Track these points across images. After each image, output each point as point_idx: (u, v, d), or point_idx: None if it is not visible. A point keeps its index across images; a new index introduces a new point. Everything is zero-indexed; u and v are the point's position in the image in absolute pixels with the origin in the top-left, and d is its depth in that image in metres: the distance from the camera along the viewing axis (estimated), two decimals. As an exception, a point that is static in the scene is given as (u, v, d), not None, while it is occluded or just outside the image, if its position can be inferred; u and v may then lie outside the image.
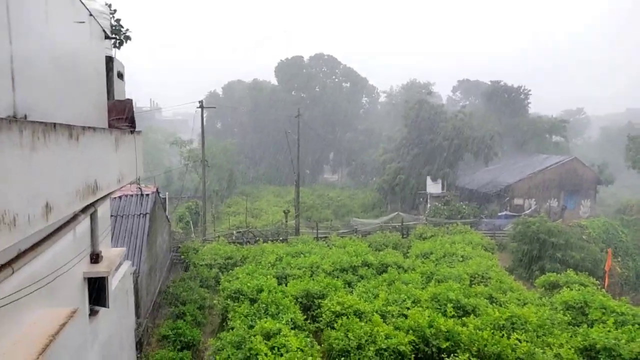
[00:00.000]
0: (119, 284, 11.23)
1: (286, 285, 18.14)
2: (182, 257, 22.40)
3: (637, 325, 14.83)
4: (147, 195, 17.70)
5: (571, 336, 14.16)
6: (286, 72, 70.58)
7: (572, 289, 18.06)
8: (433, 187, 43.34)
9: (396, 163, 46.65)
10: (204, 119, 35.01)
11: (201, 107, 33.51)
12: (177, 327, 13.82)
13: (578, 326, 15.07)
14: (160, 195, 21.84)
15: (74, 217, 8.11)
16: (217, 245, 24.95)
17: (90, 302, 9.31)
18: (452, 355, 12.61)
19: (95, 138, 7.34)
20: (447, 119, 45.43)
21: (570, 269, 21.62)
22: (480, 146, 44.64)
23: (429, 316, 14.40)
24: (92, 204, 9.22)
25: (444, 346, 13.28)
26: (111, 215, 15.45)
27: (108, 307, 9.88)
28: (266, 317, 14.34)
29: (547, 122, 53.14)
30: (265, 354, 11.72)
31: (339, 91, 71.01)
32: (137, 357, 12.61)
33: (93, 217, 10.21)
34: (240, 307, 15.46)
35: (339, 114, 69.39)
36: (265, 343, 12.56)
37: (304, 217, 39.17)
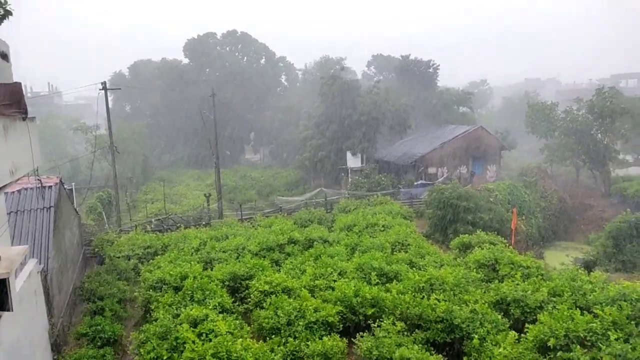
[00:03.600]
0: (24, 284, 10.29)
1: (212, 270, 17.74)
2: (96, 250, 21.00)
3: (540, 277, 16.38)
4: (50, 187, 16.23)
5: (484, 292, 15.31)
6: (197, 50, 67.64)
7: (483, 249, 19.43)
8: (353, 162, 44.33)
9: (316, 140, 46.99)
10: (110, 102, 32.67)
11: (104, 88, 31.16)
12: (96, 323, 12.99)
13: (490, 282, 16.29)
14: (65, 186, 20.17)
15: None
16: (135, 235, 23.69)
17: (-12, 308, 8.45)
18: (377, 320, 13.11)
19: None
20: (363, 94, 46.33)
21: (481, 230, 23.25)
22: (396, 120, 46.19)
23: (354, 286, 14.83)
24: (-21, 200, 8.31)
25: (369, 313, 13.79)
26: (9, 212, 13.99)
27: (12, 311, 9.04)
28: (192, 304, 13.94)
29: (454, 94, 56.13)
30: (193, 342, 11.41)
31: (255, 69, 69.52)
32: (54, 359, 11.73)
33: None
34: (163, 296, 14.87)
35: (256, 92, 68.11)
36: (193, 330, 12.23)
37: (227, 200, 38.37)
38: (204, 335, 11.99)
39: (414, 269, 17.78)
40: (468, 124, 49.71)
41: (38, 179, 12.59)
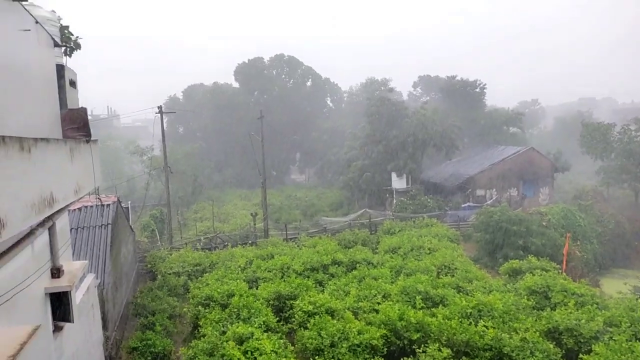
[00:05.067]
0: (83, 297, 10.91)
1: (257, 289, 18.06)
2: (149, 266, 21.90)
3: (595, 305, 15.59)
4: (108, 205, 17.23)
5: (536, 320, 14.71)
6: (247, 74, 70.05)
7: (534, 275, 18.74)
8: (398, 183, 43.99)
9: (361, 160, 47.08)
10: (165, 125, 34.32)
11: (160, 112, 32.83)
12: (147, 338, 13.53)
13: (542, 310, 15.66)
14: (122, 204, 21.28)
15: (31, 232, 7.83)
16: (185, 252, 24.53)
17: (54, 318, 9.01)
18: (422, 345, 12.88)
19: (48, 149, 7.11)
20: (409, 115, 46.21)
21: (532, 255, 22.42)
22: (443, 140, 45.62)
23: (399, 309, 14.66)
24: (50, 217, 8.92)
25: (414, 337, 13.56)
26: (71, 228, 14.97)
27: (73, 322, 9.59)
28: (238, 322, 14.23)
29: (503, 114, 54.87)
30: (239, 359, 11.64)
31: (301, 91, 71.08)
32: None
33: (51, 231, 9.88)
34: (211, 313, 15.28)
35: (302, 114, 69.49)
36: (238, 348, 12.48)
37: (272, 219, 39.01)
38: (249, 353, 12.20)
39: (461, 293, 17.37)
40: (519, 145, 48.31)
41: (98, 198, 13.40)
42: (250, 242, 29.41)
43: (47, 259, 9.50)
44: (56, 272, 9.79)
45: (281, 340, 13.52)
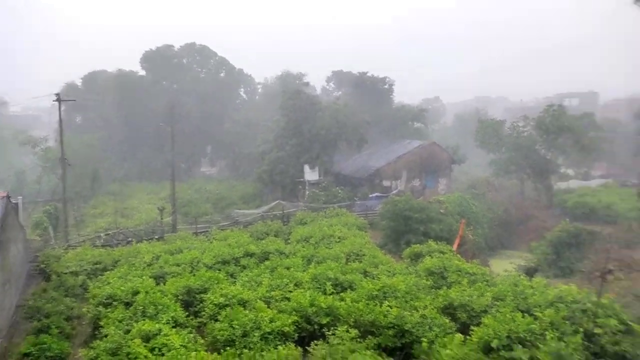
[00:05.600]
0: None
1: (165, 284, 17.48)
2: (42, 266, 20.15)
3: (485, 283, 17.22)
4: (-7, 200, 15.59)
5: (434, 298, 15.91)
6: (155, 62, 66.58)
7: (432, 257, 20.17)
8: (311, 175, 44.80)
9: (275, 153, 47.14)
10: (62, 114, 31.57)
11: (58, 100, 30.22)
12: (41, 342, 12.52)
13: (439, 289, 16.95)
14: (11, 200, 19.34)
15: None
16: (83, 250, 22.92)
17: None
18: (332, 328, 13.36)
19: None
20: (323, 109, 47.11)
21: (431, 240, 24.07)
22: (354, 134, 47.18)
23: (310, 296, 15.04)
24: None
25: (324, 322, 14.02)
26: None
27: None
28: (144, 319, 13.70)
29: (409, 110, 58.03)
30: (145, 357, 11.24)
31: (214, 82, 69.15)
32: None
33: None
34: (113, 312, 14.53)
35: (215, 105, 67.60)
36: (145, 346, 12.04)
37: (181, 213, 37.72)
38: (157, 349, 11.84)
39: (368, 278, 18.22)
40: (422, 139, 51.39)
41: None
42: (157, 237, 28.26)
43: None
44: None
45: (191, 335, 13.28)
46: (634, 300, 16.17)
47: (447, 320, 13.85)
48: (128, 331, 12.99)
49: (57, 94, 30.70)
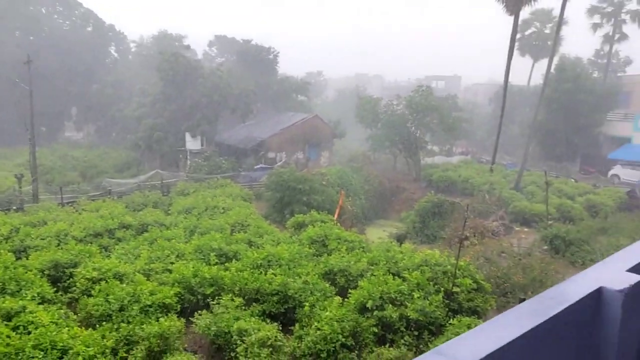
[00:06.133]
0: None
1: (27, 259, 15.83)
2: None
3: (362, 249, 18.54)
4: None
5: (315, 265, 16.73)
6: (5, 9, 57.50)
7: (315, 227, 21.06)
8: (192, 144, 43.21)
9: (152, 119, 44.40)
10: None
11: None
12: None
13: (320, 256, 17.85)
14: None
15: None
16: None
17: None
18: (216, 298, 13.41)
19: None
20: (205, 75, 45.21)
21: (314, 210, 25.07)
22: (238, 103, 46.30)
23: (193, 267, 14.84)
24: None
25: (208, 292, 13.97)
26: None
27: None
28: (4, 296, 12.33)
29: (293, 82, 58.48)
30: (8, 336, 10.20)
31: (79, 37, 61.93)
32: None
33: None
34: (-36, 291, 12.83)
35: (81, 63, 60.79)
36: (7, 324, 10.89)
37: (43, 182, 33.89)
38: (22, 328, 10.80)
39: (253, 247, 18.47)
40: (305, 112, 52.36)
41: None
42: (15, 208, 25.19)
43: None
44: None
45: (61, 311, 12.31)
46: (485, 262, 18.79)
47: (328, 285, 14.72)
48: (-17, 311, 11.61)
49: None
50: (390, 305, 12.69)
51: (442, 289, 13.88)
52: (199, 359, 11.80)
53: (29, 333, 10.61)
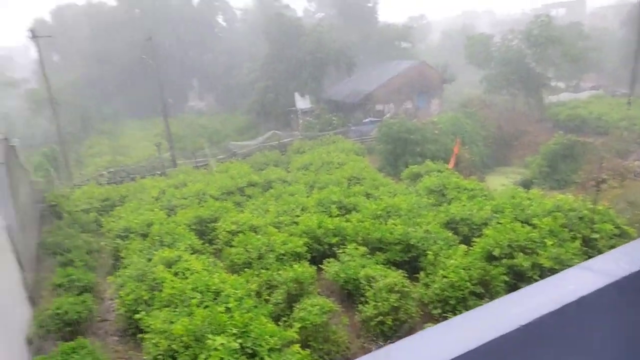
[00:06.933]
0: (-7, 240, 10.28)
1: (176, 216, 18.03)
2: (52, 206, 20.52)
3: (483, 197, 17.96)
4: (-5, 143, 15.54)
5: (435, 214, 16.67)
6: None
7: (431, 177, 20.80)
8: (302, 103, 44.33)
9: (263, 82, 46.29)
10: (38, 53, 30.33)
11: (34, 36, 28.94)
12: (70, 274, 13.18)
13: (440, 205, 17.69)
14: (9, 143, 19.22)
15: None
16: (89, 188, 23.25)
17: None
18: (341, 247, 14.14)
19: None
20: (307, 33, 45.55)
21: (428, 160, 24.65)
22: (341, 57, 46.08)
23: (317, 219, 15.72)
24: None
25: (334, 241, 14.79)
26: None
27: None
28: (162, 248, 14.34)
29: (395, 29, 56.31)
30: (172, 280, 11.93)
31: (188, 10, 65.84)
32: (33, 310, 11.89)
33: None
34: (131, 244, 15.15)
35: (193, 35, 64.85)
36: (168, 271, 12.72)
37: (177, 149, 37.72)
38: (181, 273, 12.53)
39: (370, 199, 18.89)
40: (410, 59, 50.45)
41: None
42: (158, 172, 28.53)
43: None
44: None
45: (210, 259, 13.99)
46: (627, 206, 17.08)
47: (450, 234, 14.65)
48: (149, 259, 13.65)
49: (32, 30, 29.36)
50: (521, 254, 12.28)
51: (579, 235, 13.02)
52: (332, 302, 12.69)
53: (186, 278, 12.30)
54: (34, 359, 9.68)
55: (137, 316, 10.55)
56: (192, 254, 14.24)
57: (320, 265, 13.58)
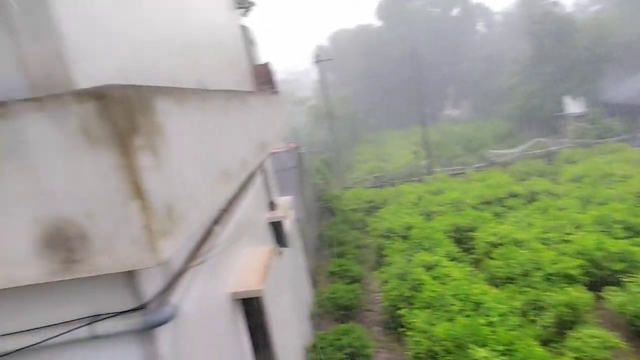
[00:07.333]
0: (291, 227, 12.52)
1: (433, 221, 18.41)
2: (328, 204, 23.83)
3: None
4: (291, 150, 19.02)
5: None
6: (389, 9, 67.92)
7: None
8: (573, 107, 39.27)
9: (526, 86, 42.99)
10: (318, 74, 35.75)
11: (317, 61, 34.12)
12: (342, 264, 15.03)
13: None
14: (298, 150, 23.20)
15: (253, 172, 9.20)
16: (357, 190, 26.00)
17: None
18: (627, 275, 11.87)
19: (255, 101, 8.19)
20: (579, 29, 40.22)
21: None
22: (626, 53, 38.88)
23: (595, 239, 13.64)
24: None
25: (618, 268, 12.54)
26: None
27: (288, 247, 11.15)
28: (421, 251, 14.82)
29: None
30: (431, 284, 12.23)
31: (448, 20, 66.55)
32: (314, 292, 14.05)
33: (264, 171, 11.42)
34: (393, 244, 16.18)
35: (451, 44, 65.24)
36: (427, 274, 13.07)
37: (433, 156, 38.57)
38: (440, 278, 12.72)
39: (670, 221, 15.30)
40: None
41: (289, 143, 14.85)
42: (415, 179, 29.75)
43: (264, 195, 11.08)
44: (272, 206, 11.39)
45: (467, 269, 13.77)
46: None
47: None
48: (409, 260, 14.31)
49: (317, 55, 34.51)
50: None
51: None
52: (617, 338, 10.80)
53: (444, 283, 12.39)
54: (316, 332, 11.36)
55: (400, 312, 11.20)
56: (450, 260, 14.28)
57: (598, 293, 11.75)
